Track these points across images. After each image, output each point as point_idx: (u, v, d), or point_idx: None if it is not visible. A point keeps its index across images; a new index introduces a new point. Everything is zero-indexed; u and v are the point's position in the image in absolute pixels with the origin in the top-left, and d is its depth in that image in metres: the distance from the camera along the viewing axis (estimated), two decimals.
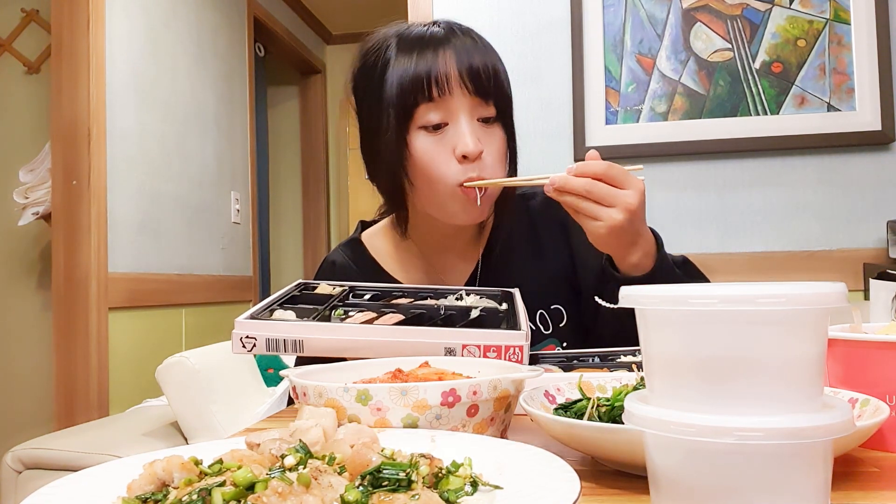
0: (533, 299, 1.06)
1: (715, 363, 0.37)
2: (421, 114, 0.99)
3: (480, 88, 0.99)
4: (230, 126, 3.52)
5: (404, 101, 0.99)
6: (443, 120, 0.99)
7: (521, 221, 1.15)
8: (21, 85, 3.13)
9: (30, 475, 1.93)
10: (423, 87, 0.98)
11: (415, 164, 1.01)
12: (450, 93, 0.98)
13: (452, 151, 0.99)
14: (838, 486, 0.50)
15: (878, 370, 0.60)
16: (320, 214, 4.95)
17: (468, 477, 0.44)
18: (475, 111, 1.00)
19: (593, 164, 0.87)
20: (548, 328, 1.09)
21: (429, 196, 1.03)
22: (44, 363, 2.88)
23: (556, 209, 1.13)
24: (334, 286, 1.02)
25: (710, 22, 1.98)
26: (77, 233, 2.53)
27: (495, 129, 1.02)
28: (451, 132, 0.99)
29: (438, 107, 0.99)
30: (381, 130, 1.02)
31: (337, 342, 0.80)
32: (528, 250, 1.14)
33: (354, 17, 4.83)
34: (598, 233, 0.88)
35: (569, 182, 0.87)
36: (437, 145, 0.99)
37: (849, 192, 1.93)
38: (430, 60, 0.98)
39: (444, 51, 0.99)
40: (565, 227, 1.14)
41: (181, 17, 3.11)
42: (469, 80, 0.99)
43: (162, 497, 0.42)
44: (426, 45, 1.00)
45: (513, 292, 0.99)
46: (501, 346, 0.78)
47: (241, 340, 0.81)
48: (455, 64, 0.98)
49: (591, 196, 0.86)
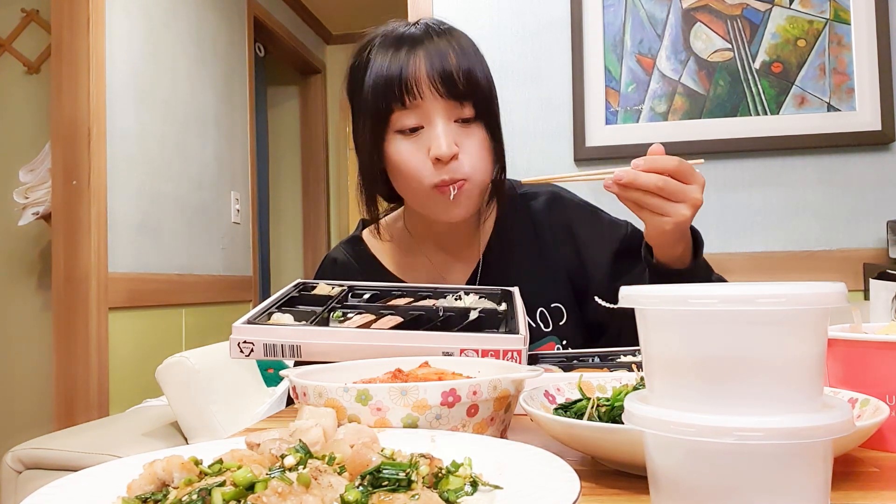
0: (533, 297, 1.07)
1: (715, 363, 0.37)
2: (396, 118, 1.00)
3: (453, 91, 0.98)
4: (230, 126, 3.52)
5: (378, 107, 1.00)
6: (418, 123, 0.99)
7: (522, 221, 1.15)
8: (21, 85, 3.13)
9: (30, 475, 1.93)
10: (394, 93, 0.98)
11: (392, 166, 1.02)
12: (421, 97, 0.98)
13: (427, 153, 0.99)
14: (838, 486, 0.50)
15: (878, 370, 0.60)
16: (320, 214, 4.95)
17: (468, 477, 0.44)
18: (451, 113, 1.00)
19: (665, 159, 0.84)
20: (548, 326, 1.10)
21: (409, 195, 1.05)
22: (44, 363, 2.88)
23: (560, 210, 1.15)
24: (333, 286, 1.02)
25: (710, 22, 1.98)
26: (77, 233, 2.53)
27: (474, 129, 1.01)
28: (426, 134, 0.99)
29: (412, 112, 0.99)
30: (358, 137, 1.04)
31: (334, 347, 0.80)
32: (529, 249, 1.14)
33: (354, 17, 4.83)
34: (663, 228, 0.87)
35: (638, 178, 0.84)
36: (412, 148, 1.00)
37: (849, 192, 1.93)
38: (402, 63, 0.98)
39: (416, 54, 0.99)
40: (570, 227, 1.14)
41: (181, 17, 3.11)
42: (441, 84, 0.98)
43: (162, 497, 0.42)
44: (400, 47, 1.00)
45: (512, 291, 0.98)
46: (500, 351, 0.78)
47: (239, 346, 0.81)
48: (425, 68, 0.98)
49: (662, 193, 0.84)
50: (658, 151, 0.86)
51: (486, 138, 1.02)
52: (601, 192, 0.89)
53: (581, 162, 2.02)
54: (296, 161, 4.99)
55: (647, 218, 0.88)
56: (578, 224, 1.15)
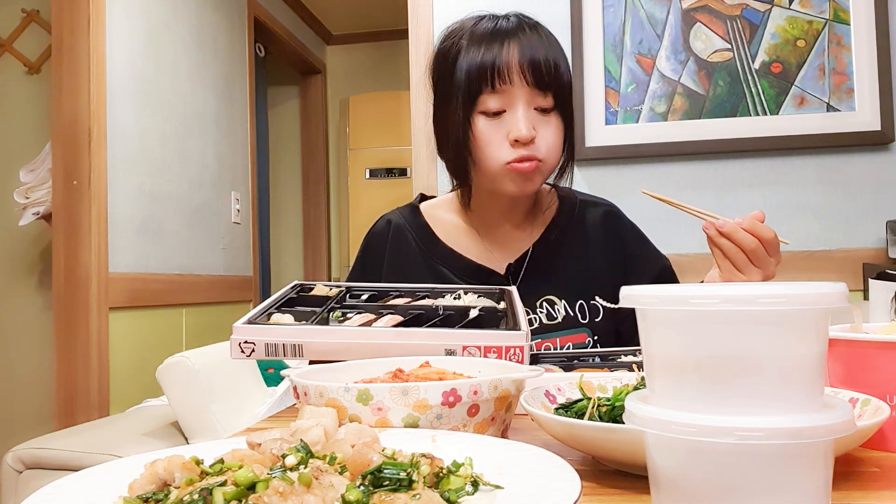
0: (576, 289, 1.16)
1: (715, 363, 0.37)
2: (483, 100, 1.08)
3: (539, 80, 1.07)
4: (230, 126, 3.52)
5: (469, 88, 1.08)
6: (501, 107, 1.08)
7: (577, 224, 1.23)
8: (21, 85, 3.13)
9: (30, 475, 1.93)
10: (486, 76, 1.07)
11: (475, 143, 1.10)
12: (510, 83, 1.07)
13: (506, 135, 1.08)
14: (838, 486, 0.50)
15: (879, 370, 0.60)
16: (320, 214, 4.95)
17: (469, 477, 0.44)
18: (533, 101, 1.08)
19: (765, 228, 0.93)
20: (585, 318, 1.16)
21: (483, 171, 1.11)
22: (44, 363, 2.88)
23: (615, 225, 1.24)
24: (331, 287, 1.02)
25: (709, 22, 1.98)
26: (77, 233, 2.53)
27: (552, 118, 1.10)
28: (508, 118, 1.08)
29: (498, 95, 1.08)
30: (449, 111, 1.11)
31: (337, 345, 0.80)
32: (578, 248, 1.21)
33: (354, 18, 4.83)
34: (733, 278, 0.95)
35: (737, 233, 0.93)
36: (493, 129, 1.08)
37: (849, 192, 1.93)
38: (495, 52, 1.07)
39: (510, 43, 1.08)
40: (623, 241, 1.23)
41: (181, 17, 3.11)
42: (529, 73, 1.07)
43: (163, 497, 0.42)
44: (494, 37, 1.09)
45: (510, 290, 0.99)
46: (502, 347, 0.79)
47: (240, 346, 0.81)
48: (518, 56, 1.07)
49: (750, 255, 0.93)
50: (760, 218, 0.94)
51: (560, 127, 1.12)
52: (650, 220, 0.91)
53: (581, 162, 2.02)
54: (296, 161, 4.99)
55: (725, 267, 0.96)
56: (630, 242, 1.23)
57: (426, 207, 1.27)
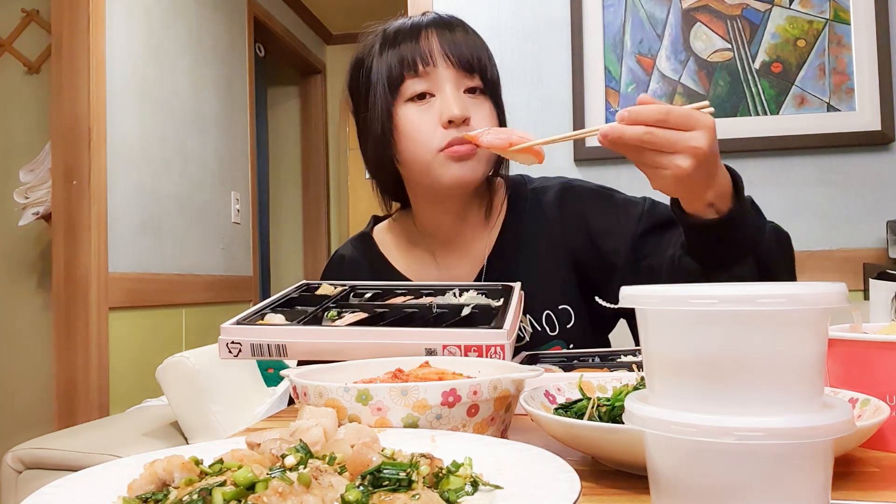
0: (540, 300, 1.07)
1: (715, 363, 0.37)
2: (407, 87, 1.02)
3: (464, 61, 1.02)
4: (230, 126, 3.52)
5: (390, 77, 1.02)
6: (428, 90, 1.02)
7: (533, 219, 1.14)
8: (21, 85, 3.13)
9: (30, 475, 1.93)
10: (408, 62, 1.02)
11: (400, 133, 1.03)
12: (434, 64, 1.01)
13: (438, 119, 1.01)
14: (838, 486, 0.50)
15: (878, 370, 0.60)
16: (320, 214, 4.95)
17: (468, 477, 0.44)
18: (460, 83, 1.03)
19: (648, 109, 0.75)
20: (554, 329, 1.08)
21: (415, 164, 1.04)
22: (44, 363, 2.88)
23: (571, 200, 1.13)
24: (335, 286, 1.02)
25: (709, 22, 1.98)
26: (77, 233, 2.53)
27: (483, 101, 1.04)
28: (436, 102, 1.02)
29: (423, 78, 1.02)
30: (371, 116, 1.05)
31: (319, 345, 0.80)
32: (538, 250, 1.12)
33: (354, 17, 4.83)
34: (663, 183, 0.80)
35: (624, 133, 0.76)
36: (422, 114, 1.02)
37: (849, 192, 1.93)
38: (414, 42, 1.02)
39: (428, 31, 1.03)
40: (583, 216, 1.11)
41: (181, 17, 3.11)
42: (452, 54, 1.02)
43: (162, 497, 0.42)
44: (412, 31, 1.04)
45: (513, 286, 0.98)
46: (482, 346, 0.77)
47: (227, 346, 0.82)
48: (437, 40, 1.02)
49: (650, 146, 0.76)
50: (645, 101, 0.77)
51: (493, 111, 1.05)
52: None
53: (581, 162, 2.02)
54: (296, 161, 4.98)
55: (645, 172, 0.81)
56: (591, 212, 1.11)
57: (379, 233, 1.20)
